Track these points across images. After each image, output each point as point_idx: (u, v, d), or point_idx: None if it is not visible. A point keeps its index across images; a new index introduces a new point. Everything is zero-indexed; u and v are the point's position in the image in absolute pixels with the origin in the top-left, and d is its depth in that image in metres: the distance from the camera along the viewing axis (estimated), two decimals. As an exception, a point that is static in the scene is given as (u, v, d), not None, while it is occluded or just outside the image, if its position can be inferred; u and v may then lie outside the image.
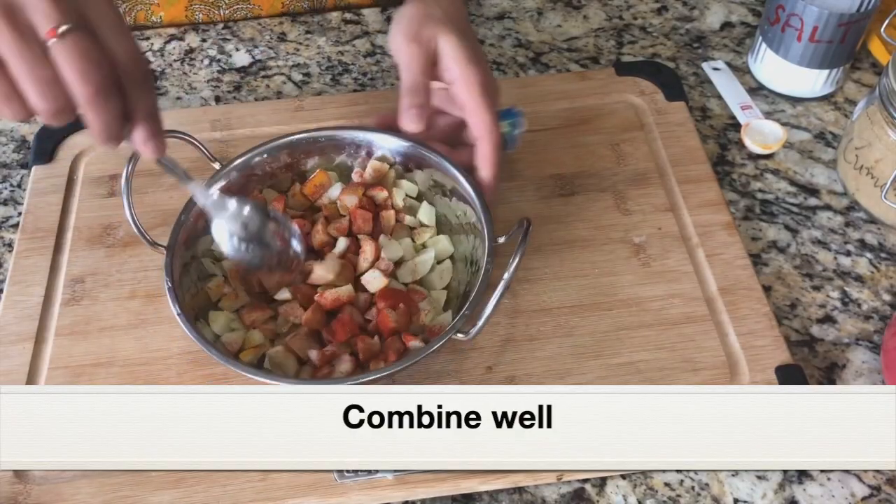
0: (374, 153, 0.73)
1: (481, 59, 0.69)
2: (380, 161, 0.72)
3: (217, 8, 0.93)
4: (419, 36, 0.68)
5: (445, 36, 0.67)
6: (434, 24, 0.68)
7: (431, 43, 0.68)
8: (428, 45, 0.68)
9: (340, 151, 0.74)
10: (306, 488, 0.60)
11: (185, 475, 0.61)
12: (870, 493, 0.61)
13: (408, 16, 0.69)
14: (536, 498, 0.61)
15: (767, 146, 0.81)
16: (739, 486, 0.62)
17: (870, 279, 0.73)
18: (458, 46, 0.67)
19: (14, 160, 0.83)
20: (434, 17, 0.68)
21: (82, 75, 0.46)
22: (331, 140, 0.73)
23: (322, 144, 0.73)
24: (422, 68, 0.68)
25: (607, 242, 0.73)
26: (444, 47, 0.68)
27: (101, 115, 0.48)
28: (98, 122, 0.49)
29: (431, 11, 0.69)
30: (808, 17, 0.79)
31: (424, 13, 0.69)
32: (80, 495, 0.60)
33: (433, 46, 0.68)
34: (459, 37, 0.68)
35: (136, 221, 0.66)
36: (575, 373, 0.65)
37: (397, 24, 0.69)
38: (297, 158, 0.73)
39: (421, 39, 0.67)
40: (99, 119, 0.49)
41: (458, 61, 0.67)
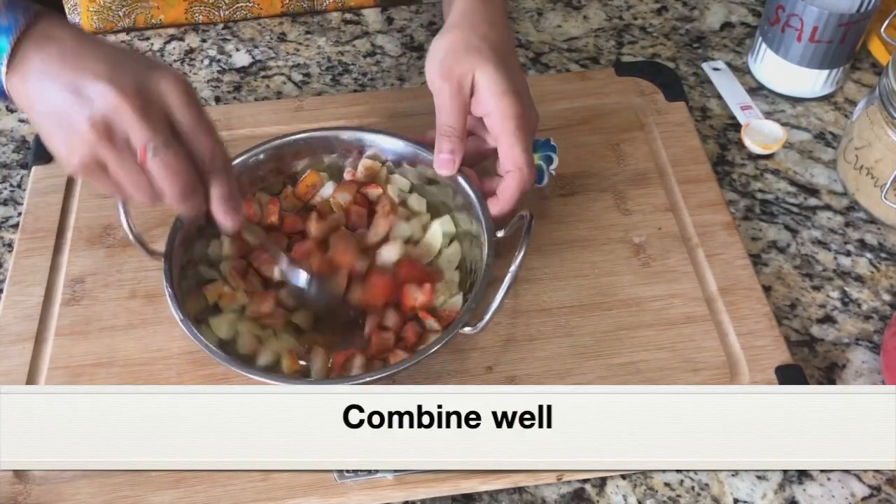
0: (365, 152, 0.73)
1: (519, 89, 0.66)
2: (371, 159, 0.72)
3: (217, 9, 0.93)
4: (453, 72, 0.65)
5: (482, 68, 0.64)
6: (471, 56, 0.65)
7: (467, 78, 0.65)
8: (463, 81, 0.65)
9: (331, 152, 0.74)
10: (306, 488, 0.60)
11: (185, 475, 0.61)
12: (870, 493, 0.61)
13: (444, 47, 0.66)
14: (536, 498, 0.61)
15: (767, 146, 0.81)
16: (739, 486, 0.62)
17: (870, 279, 0.73)
18: (493, 78, 0.64)
19: (14, 160, 0.83)
20: (471, 46, 0.65)
21: (169, 184, 0.55)
22: (322, 141, 0.73)
23: (313, 145, 0.73)
24: (457, 110, 0.66)
25: (607, 242, 0.73)
26: (480, 80, 0.65)
27: (186, 207, 0.57)
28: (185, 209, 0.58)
29: (469, 40, 0.65)
30: (808, 17, 0.79)
31: (462, 43, 0.65)
32: (80, 495, 0.60)
33: (469, 81, 0.65)
34: (497, 67, 0.65)
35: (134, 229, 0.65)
36: (575, 373, 0.65)
37: (433, 57, 0.67)
38: (288, 160, 0.73)
39: (455, 76, 0.65)
40: (185, 208, 0.58)
41: (494, 94, 0.64)
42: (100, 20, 0.92)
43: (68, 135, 0.54)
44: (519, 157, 0.65)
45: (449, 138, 0.66)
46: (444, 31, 0.68)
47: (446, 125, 0.66)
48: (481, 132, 0.69)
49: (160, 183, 0.55)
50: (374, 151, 0.73)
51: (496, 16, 0.69)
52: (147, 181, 0.55)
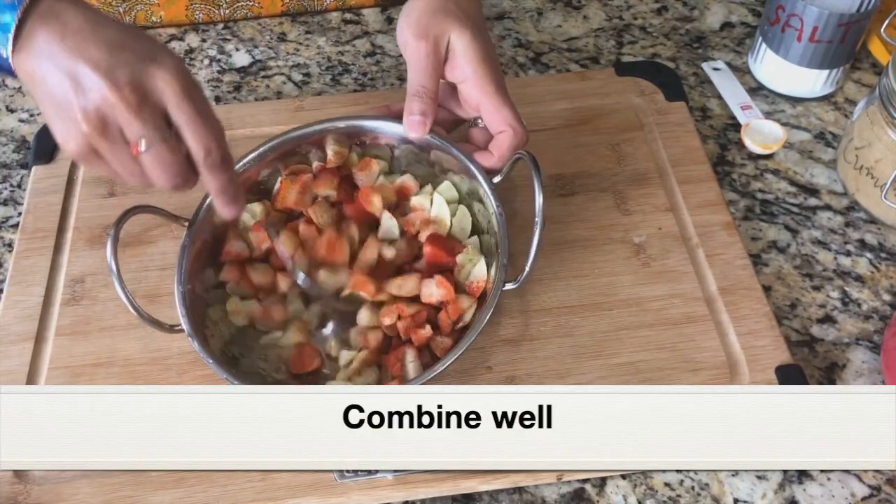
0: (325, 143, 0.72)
1: (494, 56, 0.66)
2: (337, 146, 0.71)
3: (217, 7, 0.93)
4: (429, 32, 0.64)
5: (458, 32, 0.64)
6: (446, 19, 0.64)
7: (442, 39, 0.65)
8: (438, 43, 0.65)
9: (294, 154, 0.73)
10: (306, 488, 0.60)
11: (185, 475, 0.61)
12: (870, 493, 0.61)
13: (419, 8, 0.65)
14: (536, 498, 0.61)
15: (767, 146, 0.81)
16: (739, 486, 0.62)
17: (870, 279, 0.73)
18: (471, 44, 0.64)
19: (14, 160, 0.83)
20: (447, 9, 0.65)
21: (160, 177, 0.56)
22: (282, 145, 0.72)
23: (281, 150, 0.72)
24: (430, 70, 0.65)
25: (607, 242, 0.73)
26: (456, 44, 0.65)
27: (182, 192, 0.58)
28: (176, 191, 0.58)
29: (445, 4, 0.65)
30: (808, 17, 0.79)
31: (437, 5, 0.65)
32: (80, 495, 0.61)
33: (444, 43, 0.65)
34: (473, 33, 0.64)
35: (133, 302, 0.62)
36: (575, 373, 0.66)
37: (406, 17, 0.66)
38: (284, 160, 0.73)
39: (431, 35, 0.64)
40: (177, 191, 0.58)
41: (471, 60, 0.64)
42: None
43: (65, 121, 0.53)
44: (509, 116, 0.66)
45: (421, 98, 0.66)
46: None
47: (419, 84, 0.66)
48: (448, 104, 0.70)
49: (151, 174, 0.55)
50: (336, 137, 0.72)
51: None
52: (138, 171, 0.56)
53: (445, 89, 0.69)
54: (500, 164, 0.67)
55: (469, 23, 0.65)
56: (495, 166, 0.67)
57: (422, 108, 0.66)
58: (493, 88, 0.65)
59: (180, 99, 0.54)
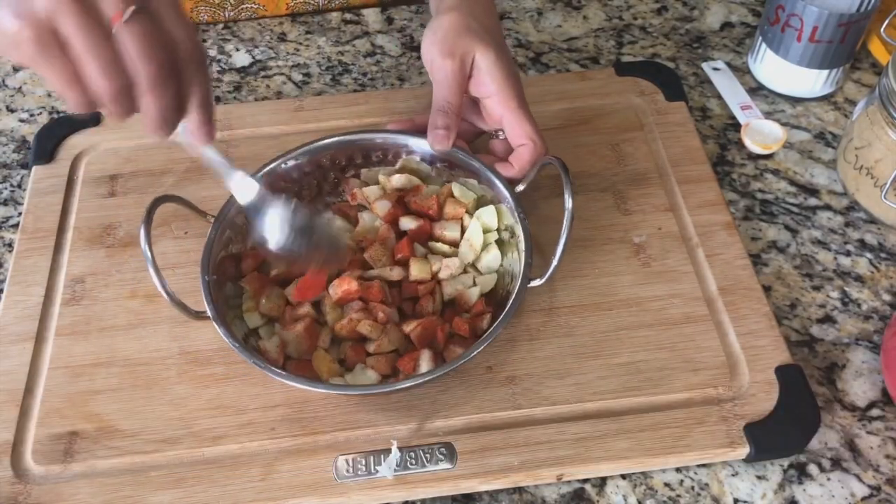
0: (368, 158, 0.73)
1: (516, 73, 0.69)
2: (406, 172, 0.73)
3: (222, 9, 0.93)
4: (455, 51, 0.66)
5: (483, 50, 0.67)
6: (471, 38, 0.67)
7: (468, 57, 0.67)
8: (464, 61, 0.67)
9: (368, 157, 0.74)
10: (306, 488, 0.60)
11: (185, 475, 0.61)
12: (870, 493, 0.61)
13: (444, 27, 0.67)
14: (536, 498, 0.61)
15: (767, 146, 0.81)
16: (739, 486, 0.62)
17: (870, 279, 0.73)
18: (495, 62, 0.67)
19: (14, 160, 0.83)
20: (470, 28, 0.67)
21: (146, 55, 0.47)
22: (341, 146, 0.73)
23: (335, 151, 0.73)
24: (456, 87, 0.67)
25: (607, 242, 0.73)
26: (480, 62, 0.67)
27: (161, 97, 0.49)
28: (156, 105, 0.49)
29: (469, 22, 0.67)
30: (808, 17, 0.79)
31: (461, 24, 0.67)
32: (80, 495, 0.61)
33: (469, 61, 0.67)
34: (497, 51, 0.67)
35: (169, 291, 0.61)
36: (575, 373, 0.65)
37: (433, 35, 0.68)
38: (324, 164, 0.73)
39: (457, 54, 0.66)
40: (157, 102, 0.49)
41: (496, 78, 0.67)
42: None
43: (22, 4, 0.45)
44: (530, 130, 0.69)
45: (446, 113, 0.68)
46: (443, 12, 0.69)
47: (445, 100, 0.68)
48: (470, 116, 0.72)
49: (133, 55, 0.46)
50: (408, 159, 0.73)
51: (487, 3, 0.72)
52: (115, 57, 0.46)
53: (467, 103, 0.71)
54: (520, 174, 0.70)
55: (492, 41, 0.67)
56: (516, 177, 0.70)
57: (446, 123, 0.68)
58: (516, 104, 0.68)
59: None
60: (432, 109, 0.69)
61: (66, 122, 0.83)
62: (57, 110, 0.87)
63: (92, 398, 0.65)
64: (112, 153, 0.81)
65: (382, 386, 0.62)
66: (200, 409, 0.64)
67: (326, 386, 0.62)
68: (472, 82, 0.69)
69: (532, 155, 0.69)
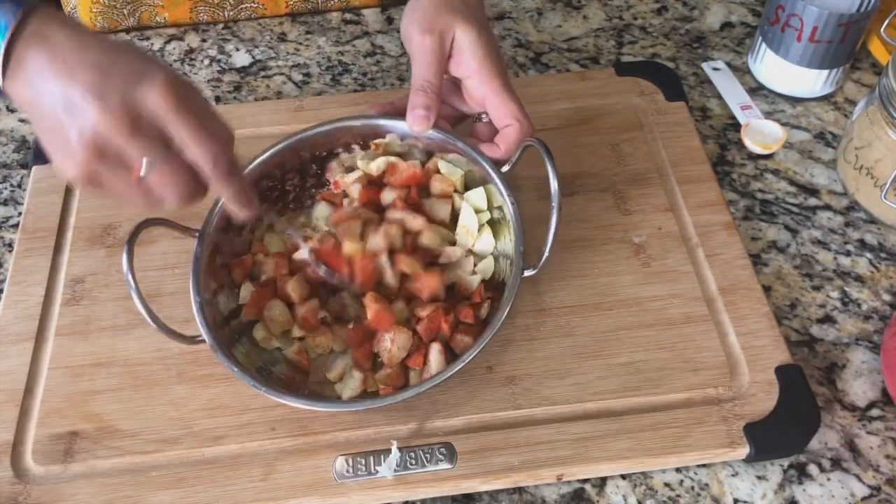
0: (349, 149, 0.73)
1: (498, 52, 0.67)
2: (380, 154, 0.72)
3: (221, 9, 0.93)
4: (434, 27, 0.65)
5: (463, 28, 0.65)
6: (451, 14, 0.65)
7: (447, 35, 0.65)
8: (443, 38, 0.65)
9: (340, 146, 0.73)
10: (306, 488, 0.60)
11: (185, 475, 0.61)
12: (870, 493, 0.61)
13: (423, 4, 0.66)
14: (536, 498, 0.61)
15: (767, 146, 0.81)
16: (739, 486, 0.62)
17: (870, 279, 0.73)
18: (476, 39, 0.65)
19: (14, 160, 0.83)
20: (451, 5, 0.65)
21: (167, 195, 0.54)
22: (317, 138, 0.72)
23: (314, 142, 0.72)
24: (435, 65, 0.66)
25: (607, 242, 0.73)
26: (461, 40, 0.65)
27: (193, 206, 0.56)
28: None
29: (449, 0, 0.66)
30: (808, 17, 0.79)
31: (441, 2, 0.66)
32: (80, 495, 0.61)
33: (449, 39, 0.66)
34: (478, 28, 0.65)
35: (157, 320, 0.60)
36: (575, 373, 0.65)
37: (412, 13, 0.67)
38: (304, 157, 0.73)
39: (436, 31, 0.65)
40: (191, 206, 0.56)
41: (476, 55, 0.65)
42: (104, 19, 0.92)
43: (62, 147, 0.52)
44: (515, 109, 0.67)
45: (425, 93, 0.66)
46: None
47: (423, 79, 0.66)
48: (452, 99, 0.71)
49: (159, 194, 0.54)
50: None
51: None
52: (143, 194, 0.53)
53: (448, 85, 0.70)
54: (507, 156, 0.68)
55: (473, 19, 0.66)
56: (502, 158, 0.68)
57: (425, 103, 0.66)
58: (499, 83, 0.66)
59: (175, 114, 0.51)
60: (411, 90, 0.67)
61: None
62: (57, 110, 0.87)
63: (92, 398, 0.65)
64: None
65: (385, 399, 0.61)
66: (200, 409, 0.64)
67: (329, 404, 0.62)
68: (452, 62, 0.67)
69: (518, 135, 0.67)
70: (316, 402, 0.61)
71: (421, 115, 0.67)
